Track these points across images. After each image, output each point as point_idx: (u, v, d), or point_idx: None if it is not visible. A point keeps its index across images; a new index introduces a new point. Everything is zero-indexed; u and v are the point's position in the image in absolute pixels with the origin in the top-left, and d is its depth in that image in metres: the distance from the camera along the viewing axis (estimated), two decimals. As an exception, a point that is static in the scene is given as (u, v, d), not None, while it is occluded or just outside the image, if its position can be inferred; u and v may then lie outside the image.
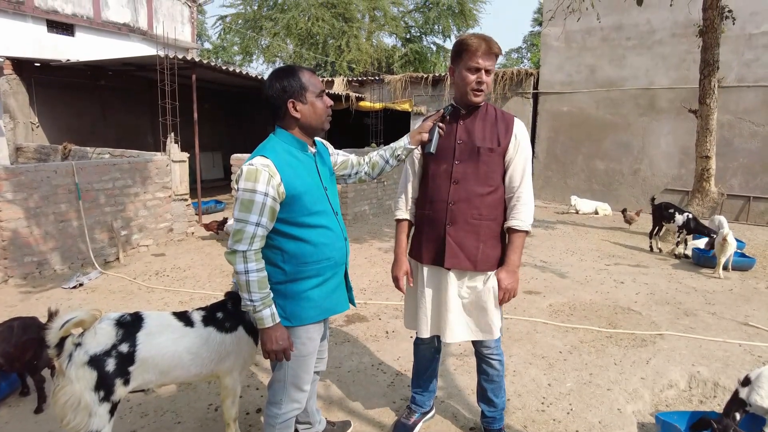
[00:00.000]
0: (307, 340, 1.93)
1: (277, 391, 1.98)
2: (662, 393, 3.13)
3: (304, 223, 1.86)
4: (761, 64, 8.87)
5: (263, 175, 1.73)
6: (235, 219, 1.74)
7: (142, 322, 2.00)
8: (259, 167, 1.74)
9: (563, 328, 4.03)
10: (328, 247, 1.92)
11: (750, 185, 9.16)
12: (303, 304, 1.88)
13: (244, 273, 1.73)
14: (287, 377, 1.95)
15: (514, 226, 2.17)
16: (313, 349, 1.97)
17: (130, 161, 6.07)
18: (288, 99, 1.84)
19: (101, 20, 11.43)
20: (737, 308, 4.59)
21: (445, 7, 19.71)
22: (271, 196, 1.74)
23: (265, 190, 1.72)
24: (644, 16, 9.36)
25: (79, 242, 5.50)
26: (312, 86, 1.86)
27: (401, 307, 4.41)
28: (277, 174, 1.76)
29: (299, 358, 1.94)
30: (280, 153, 1.83)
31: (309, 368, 1.99)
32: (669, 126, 9.66)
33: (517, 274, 2.19)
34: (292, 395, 1.97)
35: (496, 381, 2.42)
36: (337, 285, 2.00)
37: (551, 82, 10.70)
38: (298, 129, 1.90)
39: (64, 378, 1.87)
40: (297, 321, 1.88)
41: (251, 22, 18.97)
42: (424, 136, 2.17)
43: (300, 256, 1.86)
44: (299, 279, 1.87)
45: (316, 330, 1.96)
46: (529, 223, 2.17)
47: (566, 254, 6.54)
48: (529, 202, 2.17)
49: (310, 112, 1.88)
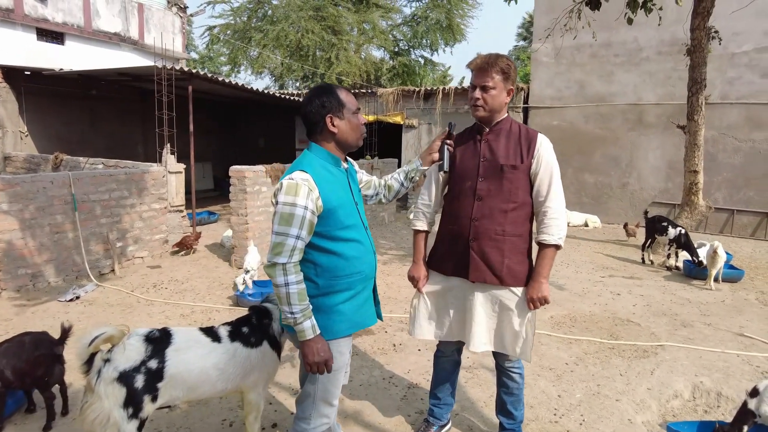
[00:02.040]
0: (338, 354, 1.94)
1: (307, 406, 1.97)
2: (668, 403, 3.19)
3: (338, 236, 1.88)
4: (743, 82, 9.17)
5: (303, 189, 1.76)
6: (275, 232, 1.75)
7: (170, 338, 1.99)
8: (299, 181, 1.77)
9: (567, 339, 4.08)
10: (359, 261, 1.95)
11: (734, 199, 9.42)
12: (335, 318, 1.90)
13: (284, 285, 1.74)
14: (317, 392, 1.95)
15: (541, 240, 2.21)
16: (343, 363, 1.98)
17: (126, 172, 6.01)
18: (327, 114, 1.90)
19: (92, 29, 11.33)
20: (731, 319, 4.70)
21: (433, 21, 19.98)
22: (311, 209, 1.77)
23: (305, 204, 1.75)
24: (632, 34, 9.63)
25: (74, 254, 5.41)
26: (349, 103, 1.93)
27: (406, 319, 4.42)
28: (316, 188, 1.80)
29: (330, 373, 1.94)
30: (317, 168, 1.87)
31: (339, 383, 1.99)
32: (656, 141, 9.91)
33: (543, 284, 2.21)
34: (321, 410, 1.97)
35: (515, 394, 2.46)
36: (367, 298, 2.03)
37: (541, 96, 10.90)
38: (334, 144, 1.95)
39: (93, 394, 1.85)
40: (329, 335, 1.89)
41: (240, 32, 19.00)
42: (435, 156, 2.25)
43: (332, 269, 1.88)
44: (331, 293, 1.89)
45: (346, 344, 1.98)
46: (558, 237, 2.19)
47: (562, 266, 6.63)
48: (558, 216, 2.20)
49: (347, 128, 1.93)
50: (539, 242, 2.23)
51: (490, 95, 2.17)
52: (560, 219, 2.20)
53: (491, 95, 2.17)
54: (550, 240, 2.19)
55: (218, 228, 8.57)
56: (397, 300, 4.99)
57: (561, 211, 2.21)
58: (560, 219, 2.20)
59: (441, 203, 2.47)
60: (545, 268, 2.22)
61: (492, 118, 2.24)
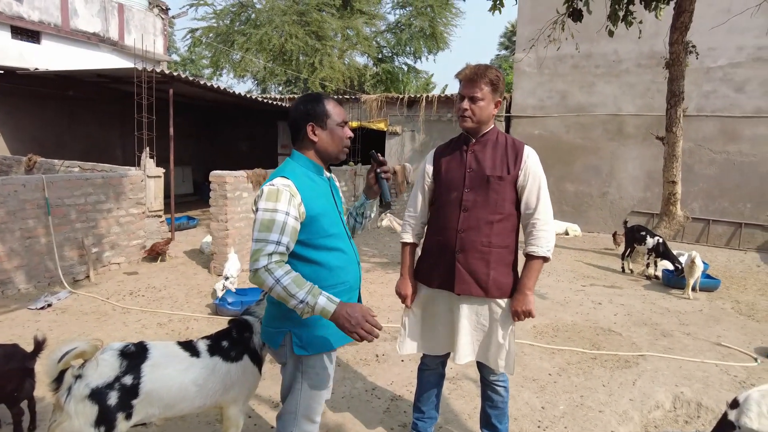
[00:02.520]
0: (322, 369, 1.89)
1: (288, 423, 1.91)
2: (650, 414, 3.20)
3: (321, 245, 1.84)
4: (718, 95, 9.41)
5: (285, 195, 1.72)
6: (254, 240, 1.69)
7: (147, 353, 1.91)
8: (281, 187, 1.73)
9: (549, 349, 4.09)
10: (343, 271, 1.90)
11: (709, 209, 9.63)
12: (320, 332, 1.85)
13: (276, 283, 1.64)
14: (299, 409, 1.89)
15: (530, 251, 2.19)
16: (327, 379, 1.93)
17: (103, 176, 5.85)
18: (309, 122, 1.86)
19: (69, 29, 11.07)
20: (709, 328, 4.77)
21: (416, 29, 20.11)
22: (293, 215, 1.72)
23: (287, 210, 1.71)
24: (612, 47, 9.81)
25: (46, 260, 5.23)
26: (335, 115, 1.88)
27: (389, 329, 4.38)
28: (298, 194, 1.76)
29: (313, 389, 1.89)
30: (299, 175, 1.83)
31: (321, 399, 1.93)
32: (636, 151, 10.08)
33: (528, 297, 2.19)
34: (303, 427, 1.91)
35: (500, 407, 2.43)
36: None
37: (523, 106, 11.02)
38: (314, 152, 1.91)
39: (62, 413, 1.76)
40: (313, 349, 1.84)
41: (223, 36, 18.83)
42: (376, 189, 2.12)
43: (316, 280, 1.81)
44: None
45: (330, 358, 1.93)
46: (547, 249, 2.17)
47: (543, 275, 6.66)
48: (547, 227, 2.18)
49: (328, 139, 1.89)
50: (527, 254, 2.21)
51: (478, 106, 2.16)
52: (549, 231, 2.19)
53: (480, 106, 2.16)
54: (539, 252, 2.17)
55: (197, 234, 8.42)
56: (380, 309, 4.95)
57: (550, 223, 2.20)
58: (549, 231, 2.19)
59: (428, 215, 2.44)
60: (531, 279, 2.20)
61: (479, 129, 2.23)
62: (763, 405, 2.52)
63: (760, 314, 5.32)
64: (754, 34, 8.95)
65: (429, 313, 2.33)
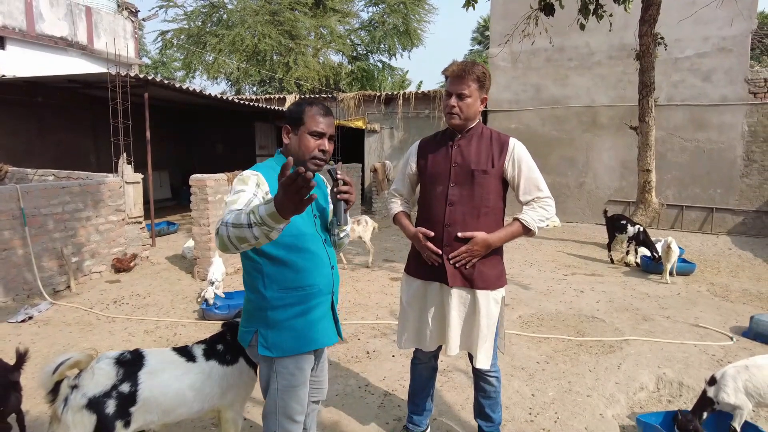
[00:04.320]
0: (297, 370, 1.86)
1: (270, 423, 1.90)
2: (635, 396, 3.31)
3: (287, 243, 1.81)
4: (687, 85, 9.69)
5: (252, 180, 1.78)
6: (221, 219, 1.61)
7: (143, 360, 1.91)
8: (248, 175, 1.81)
9: (536, 338, 4.17)
10: (311, 274, 1.86)
11: (682, 195, 9.92)
12: (286, 334, 1.82)
13: (225, 225, 1.52)
14: (278, 409, 1.86)
15: (520, 218, 2.23)
16: (303, 379, 1.89)
17: (80, 184, 5.73)
18: (286, 124, 1.93)
19: (35, 33, 10.77)
20: (687, 311, 4.94)
21: (390, 26, 20.14)
22: (259, 197, 1.74)
23: (254, 191, 1.74)
24: (584, 39, 9.99)
25: (24, 271, 5.11)
26: (310, 122, 1.86)
27: (378, 326, 4.42)
28: (266, 183, 1.80)
29: (288, 389, 1.86)
30: (269, 169, 1.88)
31: (300, 399, 1.90)
32: (610, 141, 10.31)
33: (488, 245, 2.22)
34: (285, 426, 1.88)
35: (493, 397, 2.48)
36: (322, 315, 1.91)
37: (499, 100, 11.15)
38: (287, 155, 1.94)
39: (60, 424, 1.74)
40: (278, 351, 1.82)
41: (195, 37, 18.55)
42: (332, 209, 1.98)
43: (281, 281, 1.81)
44: (280, 306, 1.82)
45: (305, 360, 1.89)
46: (536, 224, 2.23)
47: (525, 266, 6.79)
48: (548, 208, 2.24)
49: (295, 144, 1.89)
50: (517, 218, 2.24)
51: (465, 103, 2.19)
52: (549, 212, 2.25)
53: (467, 103, 2.19)
54: (529, 223, 2.22)
55: (178, 239, 8.29)
56: (368, 306, 4.97)
57: (553, 207, 2.26)
58: (549, 212, 2.25)
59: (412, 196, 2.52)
60: (504, 236, 2.23)
61: (466, 125, 2.27)
62: (738, 380, 2.65)
63: (733, 295, 5.53)
64: (718, 25, 9.24)
65: (424, 307, 2.37)
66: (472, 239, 2.21)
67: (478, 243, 2.21)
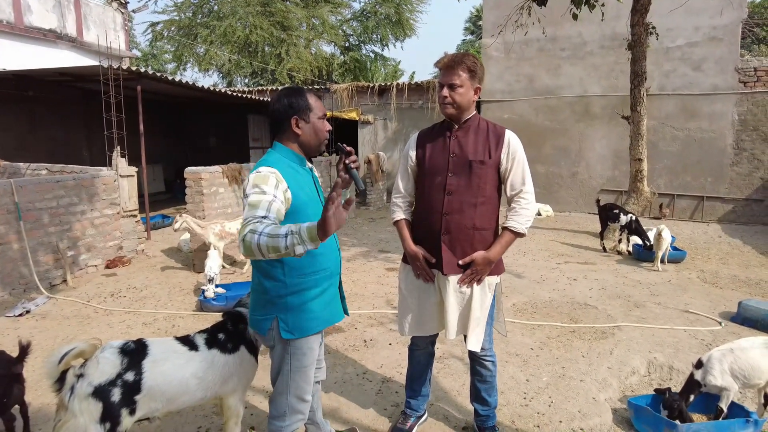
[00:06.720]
0: (308, 350, 1.96)
1: (280, 404, 1.98)
2: (627, 380, 3.39)
3: None
4: (678, 74, 9.76)
5: (271, 179, 1.76)
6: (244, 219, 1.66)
7: (147, 349, 1.94)
8: (267, 173, 1.77)
9: (530, 325, 4.25)
10: (325, 258, 1.97)
11: (674, 184, 10.03)
12: (304, 316, 1.92)
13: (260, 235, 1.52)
14: (290, 389, 1.96)
15: (509, 226, 2.29)
16: (313, 359, 2.00)
17: (75, 178, 5.72)
18: (293, 115, 1.92)
19: (24, 26, 10.63)
20: (677, 297, 5.03)
21: (382, 16, 20.02)
22: (279, 199, 1.74)
23: (274, 193, 1.73)
24: (576, 30, 10.02)
25: (20, 266, 5.11)
26: (316, 108, 1.96)
27: (375, 315, 4.47)
28: (284, 181, 1.80)
29: (300, 369, 1.96)
30: (283, 166, 1.88)
31: (310, 378, 2.01)
32: (602, 131, 10.39)
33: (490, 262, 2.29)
34: (295, 407, 1.99)
35: (489, 381, 2.54)
36: (334, 295, 2.06)
37: (492, 90, 11.18)
38: (297, 145, 1.97)
39: (67, 412, 1.78)
40: (300, 333, 1.91)
41: (185, 29, 18.38)
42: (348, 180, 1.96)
43: (299, 267, 1.89)
44: (300, 291, 1.90)
45: (315, 340, 2.00)
46: (525, 227, 2.29)
47: (519, 255, 6.86)
48: (529, 206, 2.30)
49: (310, 131, 1.96)
50: (506, 227, 2.31)
51: (457, 93, 2.23)
52: (531, 210, 2.30)
53: (459, 93, 2.23)
54: (518, 228, 2.28)
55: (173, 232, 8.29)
56: (364, 296, 5.03)
57: (532, 203, 2.31)
58: (531, 210, 2.30)
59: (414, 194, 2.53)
60: (501, 249, 2.29)
61: (461, 115, 2.31)
62: (724, 363, 2.74)
63: (722, 281, 5.63)
64: (709, 15, 9.29)
65: (423, 295, 2.42)
66: (473, 261, 2.28)
67: (479, 263, 2.28)
